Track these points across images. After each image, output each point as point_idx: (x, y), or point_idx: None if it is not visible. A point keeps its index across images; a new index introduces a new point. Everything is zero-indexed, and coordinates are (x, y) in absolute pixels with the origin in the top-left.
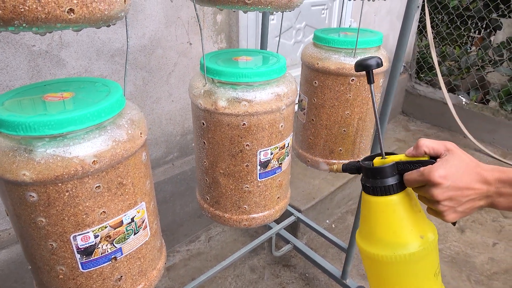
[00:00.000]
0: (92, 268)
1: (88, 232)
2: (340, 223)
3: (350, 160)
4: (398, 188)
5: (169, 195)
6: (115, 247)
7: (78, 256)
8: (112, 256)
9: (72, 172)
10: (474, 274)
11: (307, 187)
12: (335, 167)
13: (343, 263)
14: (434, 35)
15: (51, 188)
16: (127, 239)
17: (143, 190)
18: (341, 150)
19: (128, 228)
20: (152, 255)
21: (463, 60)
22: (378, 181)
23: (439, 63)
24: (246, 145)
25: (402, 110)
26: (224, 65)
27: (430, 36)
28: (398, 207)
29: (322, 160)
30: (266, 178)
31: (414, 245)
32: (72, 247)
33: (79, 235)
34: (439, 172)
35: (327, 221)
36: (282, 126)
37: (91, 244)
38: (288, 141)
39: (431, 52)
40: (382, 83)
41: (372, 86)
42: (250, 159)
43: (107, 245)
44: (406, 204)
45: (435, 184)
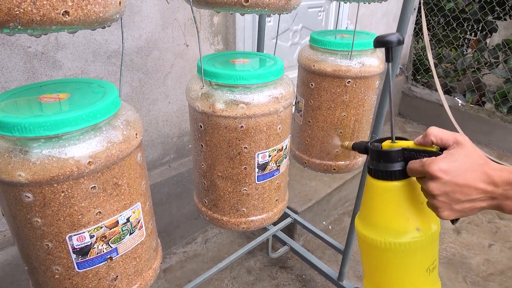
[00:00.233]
0: (87, 268)
1: (84, 232)
2: (337, 225)
3: (362, 140)
4: (401, 175)
5: (165, 196)
6: (110, 247)
7: (73, 256)
8: (108, 256)
9: (68, 173)
10: (470, 275)
11: (304, 188)
12: (346, 144)
13: (340, 264)
14: (430, 37)
15: (46, 188)
16: (122, 239)
17: (139, 190)
18: (337, 152)
19: (123, 228)
20: (147, 255)
21: (459, 62)
22: (382, 164)
23: (435, 65)
24: (244, 147)
25: (398, 112)
26: (222, 67)
27: (426, 38)
28: (397, 194)
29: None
30: (264, 181)
31: (407, 235)
32: (67, 247)
33: (74, 235)
34: (439, 165)
35: (324, 222)
36: (280, 128)
37: (86, 244)
38: (286, 143)
39: (427, 54)
40: (378, 85)
41: (390, 65)
42: (248, 162)
43: (102, 245)
44: (407, 193)
45: (432, 177)
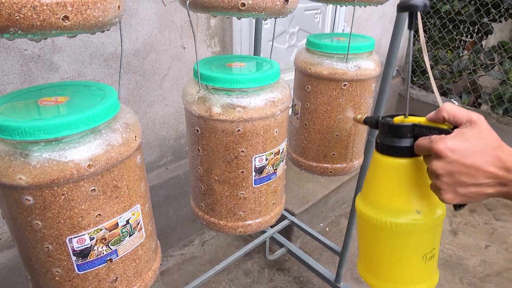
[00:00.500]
0: (87, 270)
1: (84, 234)
2: (334, 226)
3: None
4: (408, 152)
5: (162, 199)
6: (110, 249)
7: (74, 258)
8: (108, 258)
9: (68, 176)
10: (467, 277)
11: (301, 190)
12: (358, 117)
13: (337, 266)
14: (426, 39)
15: (47, 191)
16: (122, 241)
17: (138, 192)
18: (334, 155)
19: (123, 230)
20: (147, 257)
21: (455, 64)
22: (389, 139)
23: (432, 67)
24: (241, 151)
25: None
26: (218, 71)
27: (423, 40)
28: (401, 172)
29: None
30: (261, 184)
31: (405, 216)
32: (68, 249)
33: (74, 237)
34: (447, 143)
35: (321, 224)
36: (276, 132)
37: (86, 246)
38: (282, 146)
39: (424, 56)
40: (374, 88)
41: (411, 33)
42: (245, 165)
43: (102, 247)
44: (411, 173)
45: (438, 155)
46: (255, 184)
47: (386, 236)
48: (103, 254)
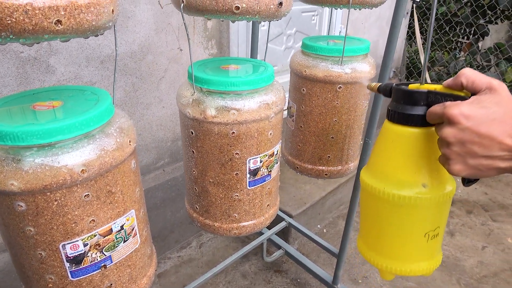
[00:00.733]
0: (81, 277)
1: (77, 240)
2: (332, 228)
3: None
4: (419, 121)
5: (159, 201)
6: (104, 255)
7: (67, 264)
8: (102, 264)
9: (61, 181)
10: (464, 278)
11: (298, 192)
12: (372, 85)
13: (334, 268)
14: (423, 41)
15: (39, 197)
16: (116, 247)
17: (133, 197)
18: (329, 157)
19: (117, 236)
20: (142, 262)
21: (451, 65)
22: (401, 106)
23: (428, 68)
24: (236, 153)
25: None
26: (213, 74)
27: (419, 42)
28: (410, 142)
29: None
30: (255, 186)
31: (410, 189)
32: (61, 255)
33: (68, 243)
34: (461, 109)
35: (319, 226)
36: (271, 134)
37: (80, 252)
38: (277, 148)
39: (420, 57)
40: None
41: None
42: (240, 168)
43: (96, 253)
44: (421, 144)
45: (451, 122)
46: (249, 186)
47: (388, 208)
48: (97, 260)
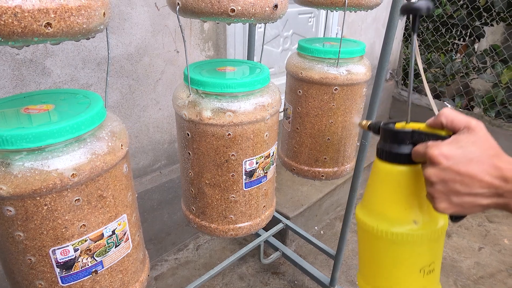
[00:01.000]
0: (72, 282)
1: (68, 246)
2: (329, 230)
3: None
4: (407, 160)
5: (156, 203)
6: (95, 260)
7: (57, 270)
8: (93, 270)
9: (51, 185)
10: (461, 279)
11: (296, 194)
12: (363, 123)
13: (332, 269)
14: (419, 43)
15: (29, 202)
16: (108, 252)
17: (125, 202)
18: (325, 159)
19: (109, 241)
20: (134, 268)
21: (448, 67)
22: (388, 145)
23: (425, 70)
24: (232, 155)
25: (389, 116)
26: (209, 75)
27: (415, 43)
28: (399, 179)
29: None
30: (252, 187)
31: (402, 226)
32: (51, 261)
33: (58, 249)
34: (441, 149)
35: (316, 227)
36: (267, 136)
37: (70, 258)
38: (273, 150)
39: (417, 59)
40: (365, 92)
41: (415, 36)
42: (236, 169)
43: (87, 258)
44: (410, 181)
45: (432, 162)
46: (245, 188)
47: (383, 245)
48: (88, 265)
